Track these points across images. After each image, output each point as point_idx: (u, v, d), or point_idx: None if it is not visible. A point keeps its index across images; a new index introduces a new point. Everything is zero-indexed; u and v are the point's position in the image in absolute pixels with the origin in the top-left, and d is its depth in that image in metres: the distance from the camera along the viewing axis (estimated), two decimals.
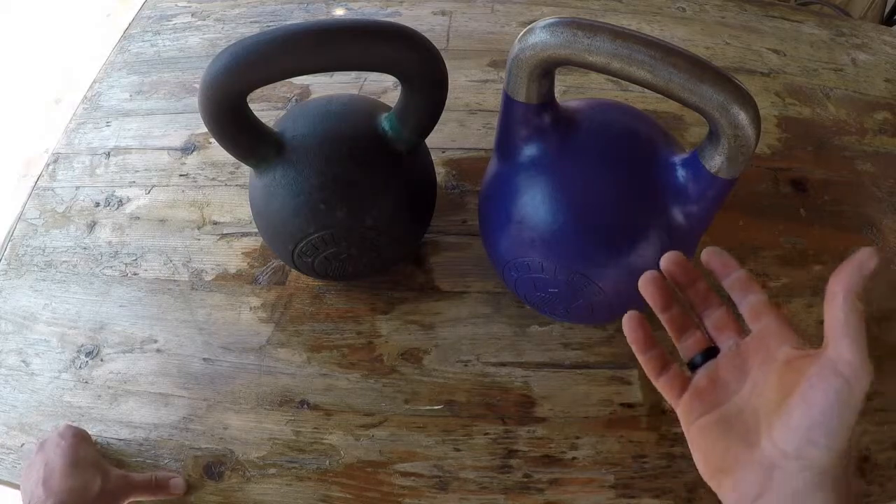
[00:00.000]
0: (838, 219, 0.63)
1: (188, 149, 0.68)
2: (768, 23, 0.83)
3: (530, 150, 0.43)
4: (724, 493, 0.30)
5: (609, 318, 0.53)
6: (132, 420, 0.52)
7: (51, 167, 0.68)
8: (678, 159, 0.41)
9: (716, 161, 0.37)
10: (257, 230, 0.52)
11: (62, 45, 1.78)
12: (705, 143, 0.38)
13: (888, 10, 1.14)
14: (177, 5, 0.85)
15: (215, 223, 0.62)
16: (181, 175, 0.66)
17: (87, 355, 0.55)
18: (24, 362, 0.55)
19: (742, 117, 0.35)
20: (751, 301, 0.32)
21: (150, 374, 0.54)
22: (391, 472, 0.49)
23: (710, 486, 0.31)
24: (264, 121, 0.46)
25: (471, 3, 0.82)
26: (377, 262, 0.52)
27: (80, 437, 0.47)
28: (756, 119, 0.35)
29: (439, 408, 0.52)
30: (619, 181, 0.42)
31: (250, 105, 0.44)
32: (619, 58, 0.35)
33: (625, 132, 0.44)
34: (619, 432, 0.50)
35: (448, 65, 0.44)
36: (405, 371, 0.53)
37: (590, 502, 0.48)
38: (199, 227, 0.62)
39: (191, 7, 0.84)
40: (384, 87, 0.72)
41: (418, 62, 0.42)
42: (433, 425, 0.51)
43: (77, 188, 0.66)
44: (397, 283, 0.58)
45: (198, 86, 0.41)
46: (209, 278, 0.59)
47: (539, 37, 0.37)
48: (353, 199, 0.46)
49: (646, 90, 0.37)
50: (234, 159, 0.47)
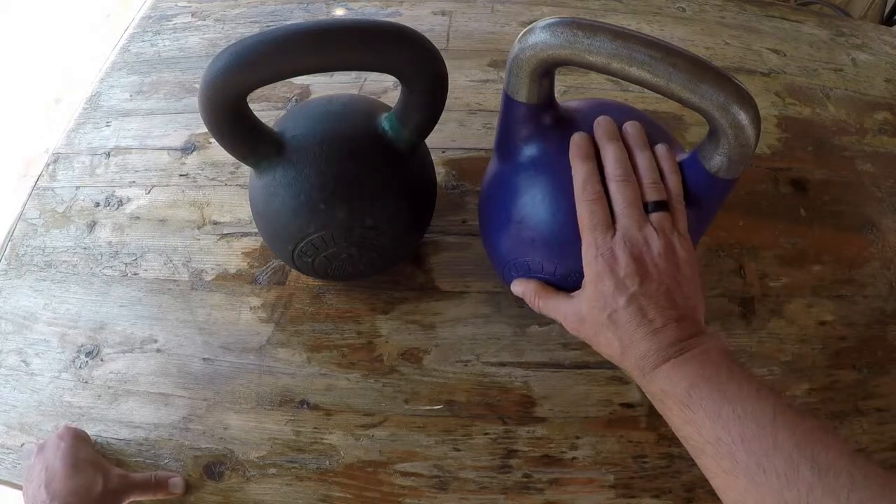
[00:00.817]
0: (838, 219, 0.63)
1: (188, 149, 0.68)
2: (768, 23, 0.83)
3: (530, 150, 0.43)
4: None
5: None
6: (132, 420, 0.52)
7: (51, 167, 0.68)
8: (678, 159, 0.41)
9: (716, 161, 0.37)
10: (257, 230, 0.52)
11: (62, 45, 1.78)
12: (705, 143, 0.38)
13: (888, 10, 1.14)
14: (177, 5, 0.85)
15: (215, 223, 0.62)
16: (181, 175, 0.66)
17: (87, 355, 0.55)
18: (24, 362, 0.55)
19: (742, 117, 0.35)
20: None
21: (150, 374, 0.54)
22: (391, 472, 0.49)
23: None
24: (264, 121, 0.46)
25: (471, 3, 0.82)
26: (377, 262, 0.52)
27: (79, 438, 0.47)
28: (756, 119, 0.35)
29: (439, 408, 0.52)
30: None
31: (250, 105, 0.44)
32: (619, 58, 0.35)
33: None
34: (619, 432, 0.50)
35: (448, 65, 0.44)
36: (405, 371, 0.53)
37: (590, 502, 0.48)
38: (199, 227, 0.62)
39: (191, 7, 0.84)
40: (384, 87, 0.72)
41: (418, 62, 0.42)
42: (433, 425, 0.51)
43: (77, 188, 0.66)
44: (397, 283, 0.58)
45: (198, 86, 0.41)
46: (209, 278, 0.59)
47: (539, 37, 0.37)
48: (353, 199, 0.46)
49: (646, 90, 0.37)
50: (234, 159, 0.47)
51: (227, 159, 0.64)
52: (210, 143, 0.68)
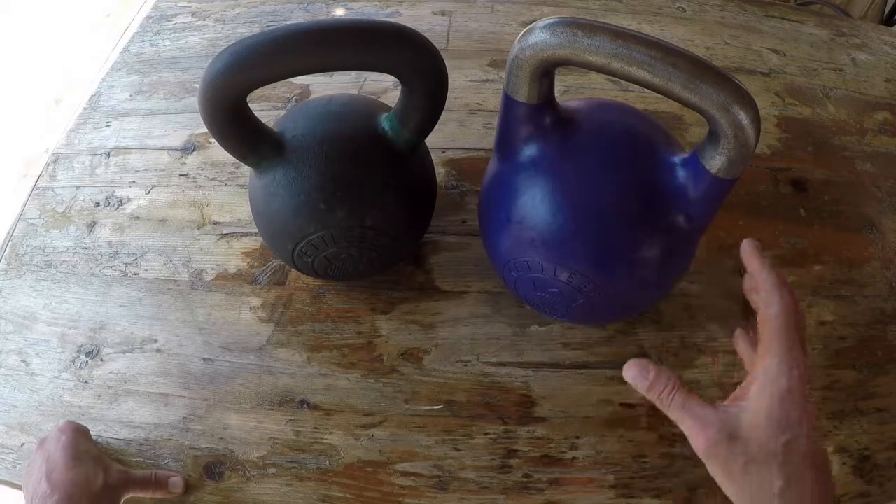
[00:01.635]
0: (838, 219, 0.63)
1: (188, 149, 0.68)
2: (768, 23, 0.83)
3: (530, 150, 0.43)
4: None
5: (609, 318, 0.53)
6: (132, 420, 0.52)
7: (51, 167, 0.68)
8: (678, 159, 0.41)
9: (716, 161, 0.37)
10: (257, 230, 0.52)
11: (62, 45, 1.78)
12: (705, 143, 0.38)
13: (888, 10, 1.14)
14: (177, 5, 0.85)
15: (215, 223, 0.62)
16: (181, 175, 0.66)
17: (87, 355, 0.55)
18: (24, 362, 0.55)
19: (742, 117, 0.35)
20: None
21: (150, 374, 0.54)
22: (391, 472, 0.49)
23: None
24: (264, 121, 0.46)
25: (471, 3, 0.82)
26: (377, 262, 0.52)
27: (79, 432, 0.47)
28: (756, 119, 0.35)
29: (439, 408, 0.52)
30: (619, 181, 0.42)
31: (250, 105, 0.44)
32: (619, 58, 0.35)
33: (625, 132, 0.44)
34: (619, 432, 0.50)
35: (448, 65, 0.44)
36: (405, 371, 0.53)
37: (590, 502, 0.48)
38: (199, 227, 0.62)
39: (191, 7, 0.84)
40: (384, 87, 0.72)
41: (418, 62, 0.42)
42: (433, 425, 0.51)
43: (77, 188, 0.66)
44: (397, 283, 0.58)
45: (198, 86, 0.41)
46: (209, 278, 0.59)
47: (539, 37, 0.37)
48: (353, 199, 0.46)
49: (646, 90, 0.37)
50: (234, 159, 0.47)
51: (227, 159, 0.64)
52: (210, 143, 0.68)
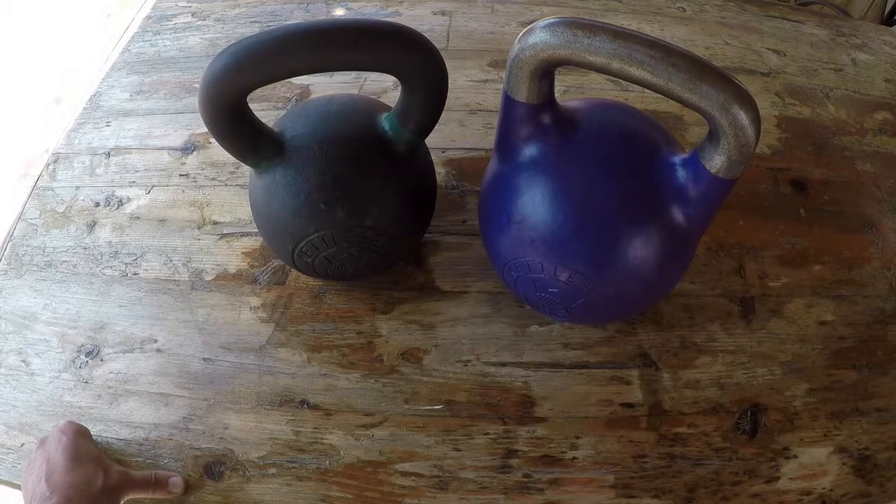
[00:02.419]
0: (838, 219, 0.63)
1: (188, 149, 0.68)
2: (768, 23, 0.83)
3: (530, 150, 0.43)
4: None
5: (609, 318, 0.53)
6: (132, 420, 0.52)
7: (51, 167, 0.68)
8: (678, 159, 0.41)
9: (716, 161, 0.37)
10: (257, 230, 0.52)
11: (62, 45, 1.78)
12: (705, 143, 0.38)
13: (888, 10, 1.14)
14: (177, 5, 0.85)
15: (215, 223, 0.62)
16: (181, 175, 0.66)
17: (87, 355, 0.55)
18: (24, 362, 0.55)
19: (742, 117, 0.35)
20: None
21: (150, 374, 0.54)
22: (391, 472, 0.49)
23: None
24: (264, 121, 0.46)
25: (471, 3, 0.82)
26: (377, 262, 0.52)
27: (80, 433, 0.47)
28: (756, 119, 0.35)
29: (439, 408, 0.52)
30: (619, 181, 0.42)
31: (250, 105, 0.44)
32: (619, 58, 0.35)
33: (625, 132, 0.44)
34: (619, 432, 0.50)
35: (448, 65, 0.44)
36: (405, 371, 0.53)
37: (590, 502, 0.48)
38: (199, 227, 0.62)
39: (191, 7, 0.84)
40: (384, 87, 0.72)
41: (418, 62, 0.42)
42: (433, 425, 0.51)
43: (77, 188, 0.66)
44: (397, 283, 0.58)
45: (198, 86, 0.41)
46: (209, 278, 0.59)
47: (539, 37, 0.37)
48: (353, 199, 0.46)
49: (646, 90, 0.37)
50: (234, 159, 0.47)
51: (227, 159, 0.64)
52: (210, 143, 0.68)
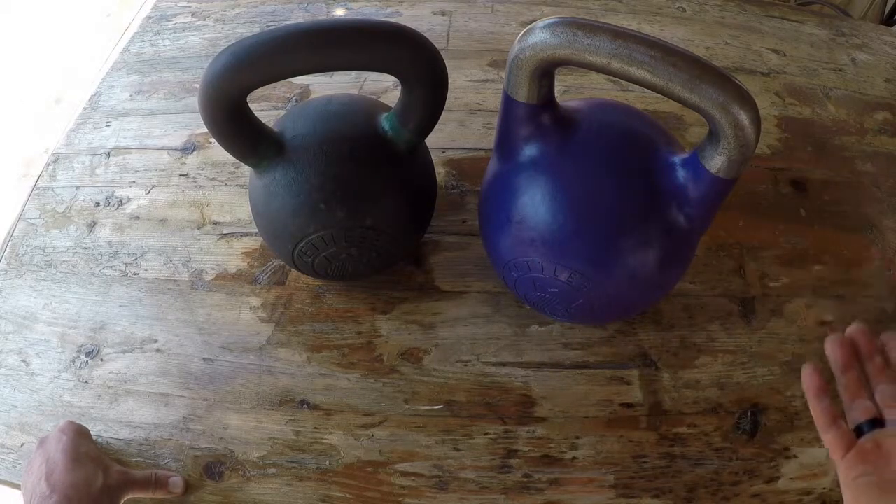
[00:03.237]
0: (838, 219, 0.63)
1: (188, 149, 0.68)
2: (768, 23, 0.83)
3: (530, 150, 0.43)
4: None
5: (609, 318, 0.53)
6: (132, 420, 0.52)
7: (51, 167, 0.68)
8: (678, 159, 0.41)
9: (716, 161, 0.37)
10: (257, 230, 0.52)
11: (62, 45, 1.78)
12: (705, 143, 0.38)
13: (888, 10, 1.14)
14: (177, 5, 0.85)
15: (215, 223, 0.62)
16: (181, 175, 0.66)
17: (87, 355, 0.55)
18: (24, 362, 0.55)
19: (742, 117, 0.35)
20: None
21: (150, 374, 0.54)
22: (391, 472, 0.49)
23: None
24: (264, 121, 0.46)
25: (471, 3, 0.82)
26: (377, 262, 0.52)
27: (80, 433, 0.47)
28: (756, 119, 0.35)
29: (439, 408, 0.52)
30: (619, 181, 0.42)
31: (250, 105, 0.44)
32: (619, 58, 0.35)
33: (625, 132, 0.44)
34: (619, 432, 0.50)
35: (448, 65, 0.44)
36: (405, 371, 0.53)
37: (590, 502, 0.48)
38: (199, 227, 0.62)
39: (191, 7, 0.84)
40: (384, 87, 0.72)
41: (418, 62, 0.42)
42: (433, 425, 0.51)
43: (77, 188, 0.66)
44: (397, 283, 0.58)
45: (198, 86, 0.41)
46: (209, 278, 0.59)
47: (539, 37, 0.37)
48: (353, 199, 0.46)
49: (646, 90, 0.37)
50: (234, 159, 0.47)
51: (227, 159, 0.64)
52: (210, 143, 0.68)
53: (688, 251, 0.45)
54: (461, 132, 0.68)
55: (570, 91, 0.72)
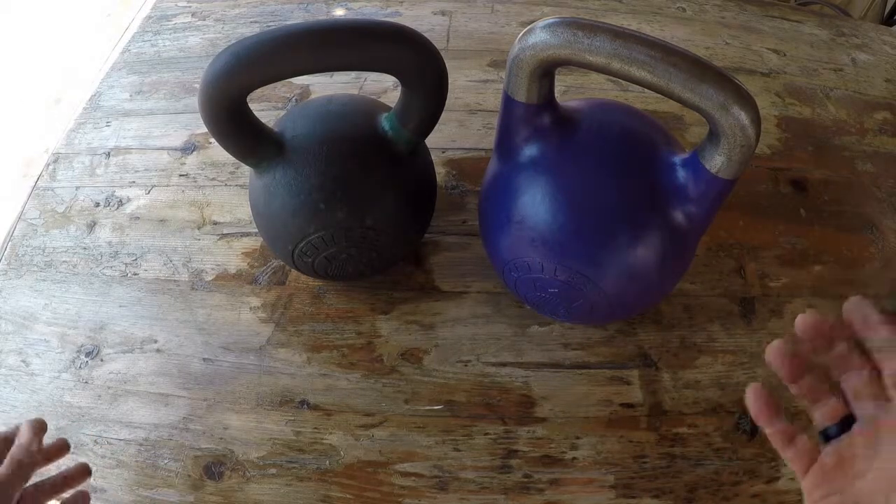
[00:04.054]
0: (838, 219, 0.63)
1: (188, 149, 0.68)
2: (768, 23, 0.83)
3: (530, 150, 0.43)
4: None
5: (609, 318, 0.53)
6: (132, 420, 0.52)
7: (51, 167, 0.68)
8: (678, 159, 0.41)
9: (716, 161, 0.37)
10: (257, 230, 0.52)
11: (62, 45, 1.78)
12: (705, 143, 0.38)
13: (888, 10, 1.14)
14: (177, 5, 0.85)
15: (215, 223, 0.62)
16: (181, 175, 0.66)
17: (87, 355, 0.55)
18: (24, 362, 0.55)
19: (742, 117, 0.35)
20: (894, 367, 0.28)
21: (150, 374, 0.54)
22: (391, 472, 0.49)
23: None
24: (264, 121, 0.46)
25: (471, 3, 0.82)
26: (377, 262, 0.52)
27: None
28: (756, 119, 0.35)
29: (439, 408, 0.52)
30: (620, 181, 0.42)
31: (250, 105, 0.44)
32: (619, 58, 0.35)
33: (625, 132, 0.44)
34: (619, 432, 0.50)
35: (448, 65, 0.44)
36: (405, 371, 0.53)
37: (590, 502, 0.48)
38: (199, 227, 0.62)
39: (191, 7, 0.84)
40: (384, 87, 0.72)
41: (418, 62, 0.42)
42: (433, 425, 0.51)
43: (77, 188, 0.66)
44: (397, 283, 0.58)
45: (198, 86, 0.41)
46: (209, 278, 0.59)
47: (539, 37, 0.37)
48: (353, 199, 0.46)
49: (646, 90, 0.37)
50: (234, 159, 0.47)
51: (227, 159, 0.64)
52: (210, 143, 0.68)
53: (688, 251, 0.45)
54: (461, 132, 0.68)
55: (570, 91, 0.72)
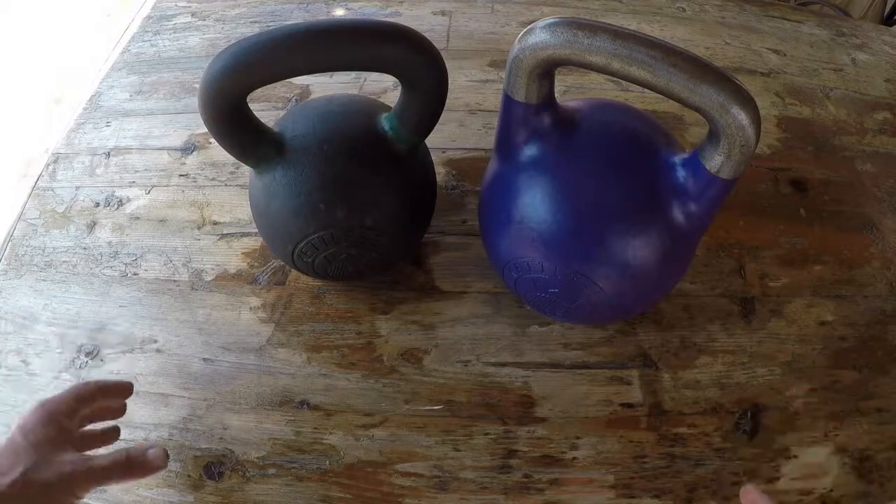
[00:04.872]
0: (838, 219, 0.63)
1: (188, 149, 0.68)
2: (768, 23, 0.83)
3: (530, 151, 0.43)
4: None
5: (609, 318, 0.53)
6: (132, 420, 0.52)
7: (51, 167, 0.68)
8: (678, 159, 0.41)
9: (716, 161, 0.37)
10: (257, 230, 0.52)
11: (62, 45, 1.78)
12: (705, 143, 0.38)
13: (888, 10, 1.14)
14: (177, 5, 0.85)
15: (215, 223, 0.62)
16: (181, 175, 0.66)
17: (87, 355, 0.55)
18: (24, 362, 0.55)
19: (742, 117, 0.35)
20: None
21: (150, 374, 0.54)
22: (391, 472, 0.49)
23: None
24: (264, 121, 0.46)
25: (471, 3, 0.82)
26: (377, 262, 0.52)
27: (35, 417, 0.39)
28: (756, 119, 0.35)
29: (439, 408, 0.52)
30: (620, 181, 0.42)
31: (250, 105, 0.44)
32: (619, 58, 0.35)
33: (625, 132, 0.44)
34: (619, 432, 0.50)
35: (448, 65, 0.44)
36: (405, 371, 0.53)
37: (590, 502, 0.48)
38: (199, 227, 0.62)
39: (191, 7, 0.84)
40: (384, 87, 0.72)
41: (418, 62, 0.42)
42: (433, 425, 0.51)
43: (77, 188, 0.66)
44: (397, 283, 0.58)
45: (198, 86, 0.41)
46: (209, 278, 0.59)
47: (539, 37, 0.37)
48: (353, 199, 0.46)
49: (646, 90, 0.37)
50: (234, 159, 0.47)
51: (227, 159, 0.64)
52: (210, 143, 0.68)
53: (688, 251, 0.45)
54: (461, 132, 0.68)
55: (570, 91, 0.72)
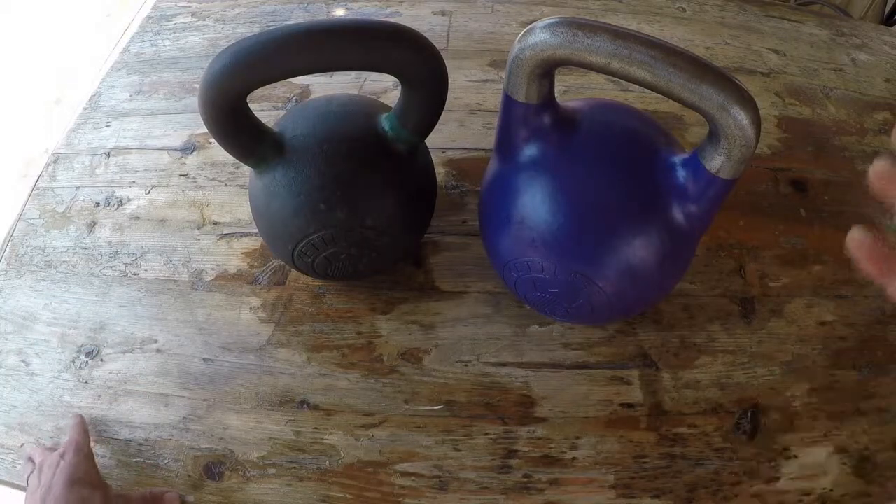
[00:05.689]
0: (838, 219, 0.63)
1: (188, 149, 0.68)
2: (768, 23, 0.83)
3: (530, 151, 0.43)
4: None
5: (609, 317, 0.53)
6: (132, 420, 0.52)
7: (51, 167, 0.68)
8: (678, 159, 0.41)
9: (716, 161, 0.37)
10: (257, 230, 0.52)
11: (62, 45, 1.78)
12: (705, 143, 0.38)
13: (888, 10, 1.14)
14: (177, 5, 0.85)
15: (215, 223, 0.62)
16: (181, 175, 0.66)
17: (87, 355, 0.55)
18: (24, 362, 0.55)
19: (742, 117, 0.35)
20: None
21: (150, 374, 0.54)
22: (391, 472, 0.49)
23: None
24: (264, 121, 0.46)
25: (471, 3, 0.82)
26: (377, 262, 0.52)
27: (80, 453, 0.46)
28: (756, 119, 0.35)
29: (439, 408, 0.52)
30: (620, 181, 0.42)
31: (250, 105, 0.44)
32: (619, 58, 0.35)
33: (625, 132, 0.44)
34: (619, 432, 0.50)
35: (448, 65, 0.44)
36: (405, 371, 0.53)
37: (590, 502, 0.48)
38: (199, 227, 0.62)
39: (191, 7, 0.84)
40: (384, 87, 0.72)
41: (418, 62, 0.42)
42: (433, 425, 0.51)
43: (77, 188, 0.66)
44: (397, 283, 0.58)
45: (198, 86, 0.41)
46: (209, 278, 0.59)
47: (539, 37, 0.37)
48: (353, 199, 0.46)
49: (646, 90, 0.37)
50: (234, 159, 0.47)
51: (227, 159, 0.64)
52: (210, 143, 0.68)
53: (688, 251, 0.45)
54: (461, 132, 0.68)
55: (570, 91, 0.72)
